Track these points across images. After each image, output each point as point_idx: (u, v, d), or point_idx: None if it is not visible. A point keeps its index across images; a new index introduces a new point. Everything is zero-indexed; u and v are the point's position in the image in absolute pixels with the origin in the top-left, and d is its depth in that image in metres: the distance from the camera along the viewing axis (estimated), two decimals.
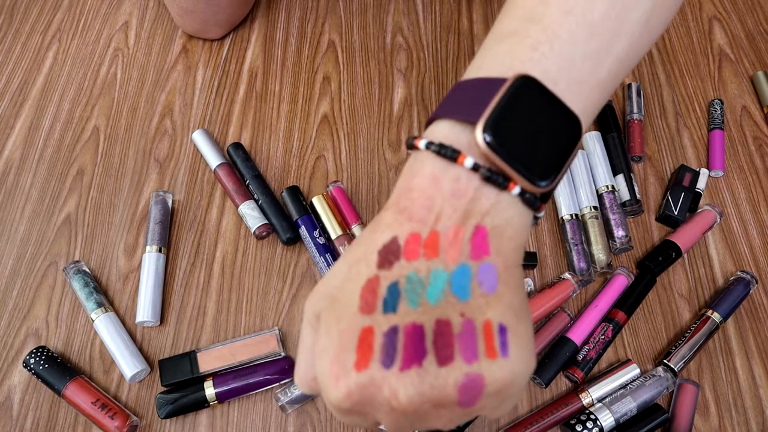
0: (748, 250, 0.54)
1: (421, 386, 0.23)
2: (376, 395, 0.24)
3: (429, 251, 0.25)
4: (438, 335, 0.24)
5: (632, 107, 0.60)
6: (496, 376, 0.23)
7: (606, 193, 0.54)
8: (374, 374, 0.24)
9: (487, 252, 0.25)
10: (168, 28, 0.67)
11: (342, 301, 0.26)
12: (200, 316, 0.51)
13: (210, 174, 0.58)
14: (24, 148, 0.59)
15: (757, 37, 0.66)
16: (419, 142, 0.26)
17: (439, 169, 0.26)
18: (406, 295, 0.24)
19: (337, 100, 0.62)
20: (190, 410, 0.46)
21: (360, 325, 0.24)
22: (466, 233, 0.25)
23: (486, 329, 0.24)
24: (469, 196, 0.25)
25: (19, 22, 0.68)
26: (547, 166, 0.26)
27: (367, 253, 0.26)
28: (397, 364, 0.23)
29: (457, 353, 0.23)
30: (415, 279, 0.25)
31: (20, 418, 0.47)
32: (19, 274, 0.53)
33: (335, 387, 0.24)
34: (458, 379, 0.23)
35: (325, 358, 0.25)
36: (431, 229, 0.25)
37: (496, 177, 0.25)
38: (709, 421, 0.47)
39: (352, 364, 0.24)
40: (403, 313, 0.24)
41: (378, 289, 0.25)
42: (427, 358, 0.23)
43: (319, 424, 0.47)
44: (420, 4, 0.68)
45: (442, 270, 0.25)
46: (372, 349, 0.24)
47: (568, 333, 0.49)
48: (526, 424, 0.46)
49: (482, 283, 0.25)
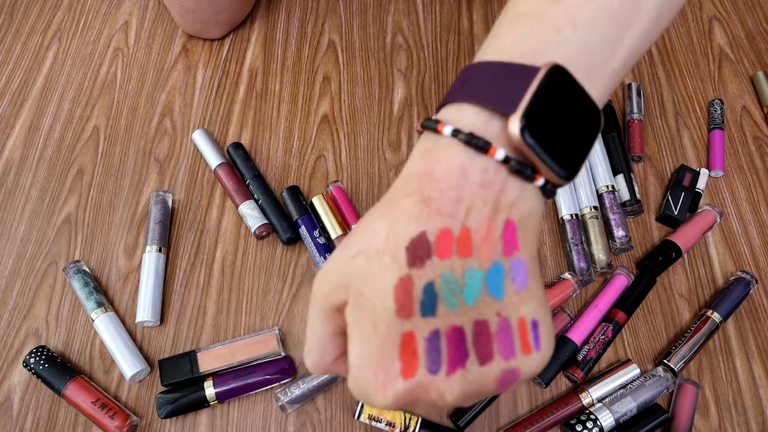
0: (748, 250, 0.54)
1: (465, 385, 0.24)
2: (422, 397, 0.25)
3: (462, 249, 0.25)
4: (477, 336, 0.25)
5: (632, 107, 0.60)
6: (530, 369, 0.25)
7: (606, 193, 0.54)
8: (421, 380, 0.24)
9: (516, 247, 0.25)
10: (168, 28, 0.67)
11: (373, 301, 0.25)
12: (200, 316, 0.51)
13: (210, 174, 0.58)
14: (24, 148, 0.59)
15: (757, 37, 0.66)
16: (444, 128, 0.25)
17: (467, 159, 0.25)
18: (444, 297, 0.24)
19: (337, 100, 0.62)
20: (190, 410, 0.46)
21: (399, 330, 0.24)
22: (497, 229, 0.25)
23: (521, 326, 0.25)
24: (497, 188, 0.25)
25: (19, 22, 0.68)
26: (573, 159, 0.26)
27: (391, 246, 0.25)
28: (443, 369, 0.24)
29: (495, 351, 0.25)
30: (451, 279, 0.24)
31: (20, 417, 0.47)
32: (19, 274, 0.53)
33: (383, 396, 0.25)
34: (497, 375, 0.25)
35: (368, 367, 0.25)
36: (462, 224, 0.25)
37: (525, 169, 0.25)
38: (709, 421, 0.47)
39: (398, 372, 0.24)
40: (443, 316, 0.24)
41: (412, 291, 0.24)
42: (469, 360, 0.24)
43: (319, 424, 0.47)
44: (420, 4, 0.68)
45: (476, 269, 0.25)
46: (416, 356, 0.24)
47: (568, 333, 0.49)
48: (526, 424, 0.46)
49: (515, 280, 0.25)
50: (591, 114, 0.26)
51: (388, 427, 0.45)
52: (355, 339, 0.25)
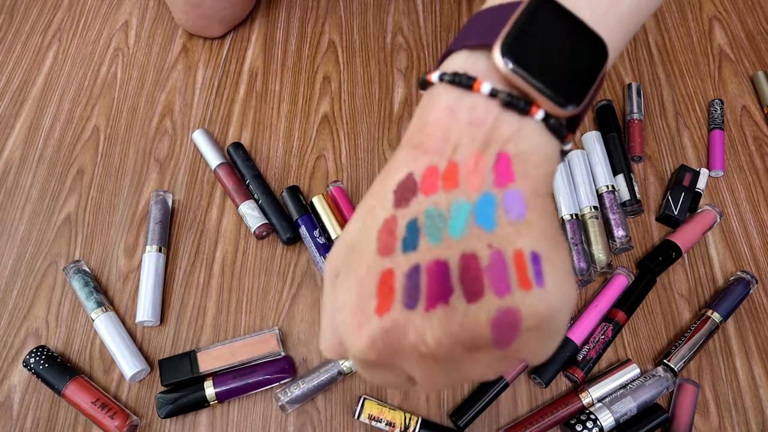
0: (748, 250, 0.54)
1: (449, 326, 0.21)
2: (401, 341, 0.22)
3: (448, 183, 0.23)
4: (464, 270, 0.22)
5: (632, 107, 0.60)
6: (533, 309, 0.21)
7: (606, 193, 0.54)
8: (397, 317, 0.22)
9: (511, 178, 0.23)
10: (168, 27, 0.67)
11: (359, 248, 0.24)
12: (200, 315, 0.51)
13: (210, 174, 0.58)
14: (24, 148, 0.59)
15: (757, 37, 0.66)
16: (432, 76, 0.25)
17: (454, 99, 0.24)
18: (427, 231, 0.22)
19: (338, 100, 0.62)
20: (190, 410, 0.46)
21: (379, 268, 0.23)
22: (487, 161, 0.23)
23: (517, 259, 0.21)
24: (489, 124, 0.23)
25: (19, 22, 0.68)
26: (572, 88, 0.24)
27: (381, 196, 0.24)
28: (421, 304, 0.22)
29: (487, 287, 0.21)
30: (434, 213, 0.23)
31: (20, 417, 0.47)
32: (19, 274, 0.53)
33: (358, 336, 0.22)
34: (490, 314, 0.21)
35: (346, 309, 0.23)
36: (449, 160, 0.23)
37: (516, 101, 0.23)
38: (709, 421, 0.47)
39: (373, 310, 0.22)
40: (425, 250, 0.22)
41: (396, 230, 0.23)
42: (454, 295, 0.21)
43: (319, 424, 0.47)
44: (420, 4, 0.68)
45: (464, 201, 0.22)
46: (393, 292, 0.22)
47: (568, 333, 0.49)
48: (526, 424, 0.46)
49: (509, 211, 0.22)
50: (593, 45, 0.25)
51: (388, 427, 0.45)
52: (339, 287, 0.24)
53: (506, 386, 0.47)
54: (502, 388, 0.47)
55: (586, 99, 0.24)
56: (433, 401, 0.48)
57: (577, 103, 0.24)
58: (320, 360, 0.49)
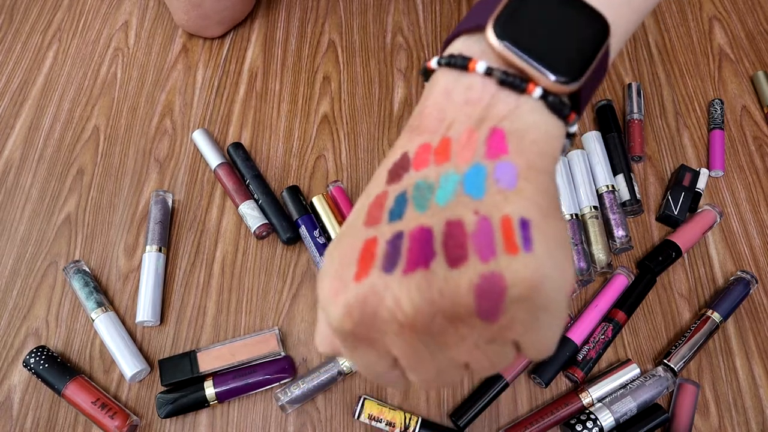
0: (748, 250, 0.54)
1: (428, 291, 0.20)
2: (378, 308, 0.21)
3: (439, 157, 0.23)
4: (448, 236, 0.21)
5: (632, 107, 0.60)
6: (519, 275, 0.19)
7: (606, 193, 0.54)
8: (374, 281, 0.21)
9: (504, 150, 0.22)
10: (168, 27, 0.67)
11: (347, 225, 0.24)
12: (200, 315, 0.51)
13: (210, 174, 0.58)
14: (24, 148, 0.59)
15: (757, 37, 0.66)
16: (431, 62, 0.25)
17: (451, 80, 0.24)
18: (414, 201, 0.22)
19: (338, 100, 0.62)
20: (190, 410, 0.46)
21: (363, 237, 0.22)
22: (480, 135, 0.23)
23: (505, 224, 0.20)
24: (484, 103, 0.23)
25: (19, 22, 0.68)
26: (570, 64, 0.23)
27: (377, 178, 0.24)
28: (399, 268, 0.21)
29: (471, 252, 0.20)
30: (423, 185, 0.22)
31: (20, 417, 0.47)
32: (19, 274, 0.53)
33: (334, 304, 0.21)
34: (472, 279, 0.20)
35: (325, 278, 0.22)
36: (442, 136, 0.23)
37: (512, 79, 0.23)
38: (709, 421, 0.47)
39: (351, 276, 0.21)
40: (410, 219, 0.22)
41: (385, 202, 0.23)
42: (435, 260, 0.20)
43: (319, 424, 0.47)
44: (420, 4, 0.68)
45: (453, 172, 0.22)
46: (374, 257, 0.21)
47: (568, 333, 0.49)
48: (526, 424, 0.46)
49: (499, 180, 0.21)
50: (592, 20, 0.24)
51: (388, 427, 0.45)
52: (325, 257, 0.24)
53: (506, 386, 0.47)
54: (502, 388, 0.47)
55: (586, 75, 0.24)
56: (433, 401, 0.48)
57: (576, 78, 0.23)
58: (320, 360, 0.49)
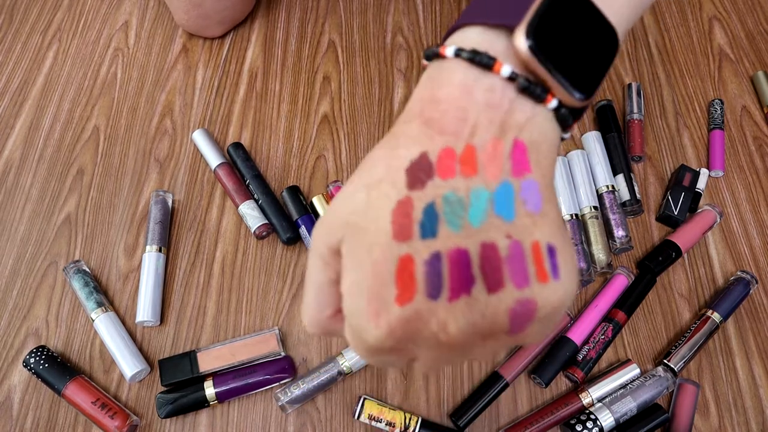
0: (748, 250, 0.54)
1: (471, 316, 0.21)
2: (422, 330, 0.22)
3: (466, 168, 0.22)
4: (485, 260, 0.22)
5: (632, 107, 0.60)
6: (549, 301, 0.22)
7: (606, 193, 0.54)
8: (420, 307, 0.21)
9: (528, 168, 0.23)
10: (168, 27, 0.67)
11: (370, 228, 0.23)
12: (200, 315, 0.51)
13: (210, 174, 0.58)
14: (24, 148, 0.59)
15: (757, 37, 0.66)
16: (446, 50, 0.24)
17: (471, 77, 0.24)
18: (446, 218, 0.22)
19: (338, 100, 0.62)
20: (190, 410, 0.46)
21: (396, 253, 0.22)
22: (505, 148, 0.23)
23: (535, 251, 0.22)
24: (504, 108, 0.23)
25: (19, 22, 0.68)
26: (586, 79, 0.24)
27: (391, 172, 0.23)
28: (444, 295, 0.21)
29: (507, 278, 0.21)
30: (453, 199, 0.22)
31: (20, 417, 0.47)
32: (19, 274, 0.53)
33: (375, 326, 0.22)
34: (510, 305, 0.21)
35: (359, 295, 0.22)
36: (466, 142, 0.23)
37: (534, 88, 0.23)
38: (709, 421, 0.47)
39: (393, 299, 0.21)
40: (445, 238, 0.22)
41: (412, 212, 0.22)
42: (476, 286, 0.21)
43: (319, 424, 0.47)
44: (420, 4, 0.68)
45: (483, 188, 0.22)
46: (414, 280, 0.21)
47: (568, 333, 0.49)
48: (526, 424, 0.46)
49: (526, 202, 0.22)
50: (605, 34, 0.25)
51: (388, 427, 0.45)
52: (348, 268, 0.23)
53: (506, 386, 0.47)
54: (502, 388, 0.47)
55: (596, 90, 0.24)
56: (433, 401, 0.48)
57: (590, 94, 0.24)
58: (320, 360, 0.49)
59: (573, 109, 0.25)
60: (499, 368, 0.48)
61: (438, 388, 0.48)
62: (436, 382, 0.48)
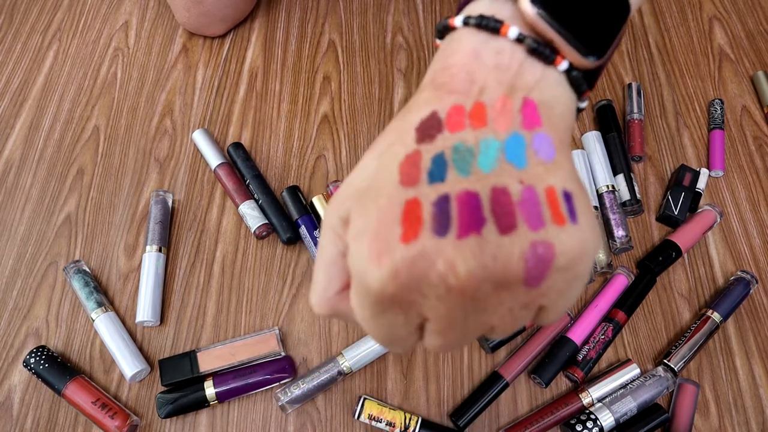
0: (748, 250, 0.54)
1: (482, 257, 0.20)
2: (428, 272, 0.20)
3: (475, 122, 0.22)
4: (496, 203, 0.21)
5: (632, 107, 0.60)
6: (568, 245, 0.20)
7: (606, 193, 0.54)
8: (426, 244, 0.20)
9: (539, 123, 0.22)
10: (168, 27, 0.67)
11: (376, 184, 0.22)
12: (200, 315, 0.51)
13: (210, 174, 0.58)
14: (24, 148, 0.59)
15: (757, 37, 0.66)
16: (455, 20, 0.24)
17: (480, 42, 0.24)
18: (455, 165, 0.21)
19: (338, 100, 0.62)
20: (190, 410, 0.46)
21: (403, 197, 0.21)
22: (515, 104, 0.23)
23: (550, 195, 0.21)
24: (514, 70, 0.23)
25: (19, 22, 0.68)
26: (596, 39, 0.24)
27: (401, 134, 0.23)
28: (453, 232, 0.20)
29: (520, 220, 0.20)
30: (463, 148, 0.22)
31: (20, 417, 0.47)
32: (19, 274, 0.53)
33: (378, 266, 0.20)
34: (524, 248, 0.20)
35: (363, 238, 0.21)
36: (475, 100, 0.23)
37: (543, 49, 0.23)
38: (709, 421, 0.47)
39: (398, 237, 0.20)
40: (454, 182, 0.21)
41: (420, 162, 0.22)
42: (486, 227, 0.20)
43: (319, 424, 0.47)
44: (420, 4, 0.68)
45: (492, 138, 0.22)
46: (421, 220, 0.20)
47: (568, 333, 0.49)
48: (526, 424, 0.46)
49: (538, 151, 0.22)
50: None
51: (388, 427, 0.45)
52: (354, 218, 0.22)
53: (506, 386, 0.47)
54: (502, 388, 0.47)
55: (608, 52, 0.24)
56: (433, 401, 0.48)
57: (600, 55, 0.24)
58: (320, 360, 0.49)
59: (586, 73, 0.25)
60: (499, 368, 0.48)
61: (438, 388, 0.48)
62: (436, 381, 0.48)
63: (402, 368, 0.49)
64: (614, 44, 0.25)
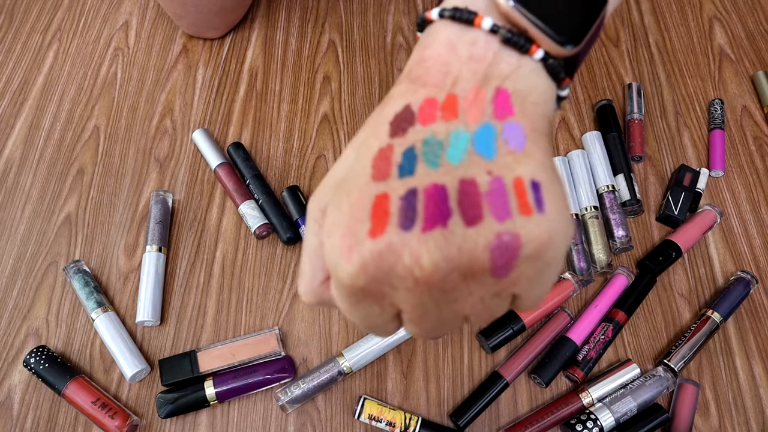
0: (748, 250, 0.54)
1: (447, 249, 0.20)
2: (395, 265, 0.21)
3: (447, 113, 0.23)
4: (463, 195, 0.21)
5: (632, 107, 0.60)
6: (533, 234, 0.21)
7: (606, 193, 0.54)
8: (392, 238, 0.21)
9: (511, 112, 0.23)
10: (168, 27, 0.67)
11: (350, 177, 0.23)
12: (200, 315, 0.51)
13: (210, 173, 0.58)
14: (24, 148, 0.59)
15: (757, 37, 0.66)
16: (431, 13, 0.25)
17: (454, 34, 0.24)
18: (424, 158, 0.22)
19: (338, 100, 0.62)
20: (190, 410, 0.46)
21: (373, 192, 0.22)
22: (487, 94, 0.23)
23: (517, 186, 0.21)
24: (488, 60, 0.24)
25: (19, 22, 0.68)
26: (572, 28, 0.24)
27: (376, 128, 0.24)
28: (418, 225, 0.21)
29: (486, 212, 0.21)
30: (433, 141, 0.22)
31: (20, 417, 0.47)
32: (20, 274, 0.53)
33: (347, 260, 0.21)
34: (489, 239, 0.20)
35: (335, 233, 0.22)
36: (448, 92, 0.23)
37: (517, 38, 0.23)
38: (709, 421, 0.47)
39: (366, 233, 0.21)
40: (422, 175, 0.22)
41: (392, 156, 0.22)
42: (452, 219, 0.21)
43: (319, 424, 0.47)
44: (420, 4, 0.68)
45: (463, 130, 0.22)
46: (388, 215, 0.21)
47: (569, 333, 0.49)
48: (526, 424, 0.46)
49: (509, 141, 0.22)
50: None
51: (388, 427, 0.45)
52: (330, 209, 0.23)
53: (506, 386, 0.47)
54: (502, 388, 0.47)
55: (584, 39, 0.24)
56: (433, 401, 0.48)
57: (576, 42, 0.24)
58: (320, 360, 0.49)
59: (567, 61, 0.25)
60: (499, 368, 0.48)
61: (438, 388, 0.48)
62: (436, 381, 0.48)
63: (402, 368, 0.49)
64: (591, 32, 0.25)
